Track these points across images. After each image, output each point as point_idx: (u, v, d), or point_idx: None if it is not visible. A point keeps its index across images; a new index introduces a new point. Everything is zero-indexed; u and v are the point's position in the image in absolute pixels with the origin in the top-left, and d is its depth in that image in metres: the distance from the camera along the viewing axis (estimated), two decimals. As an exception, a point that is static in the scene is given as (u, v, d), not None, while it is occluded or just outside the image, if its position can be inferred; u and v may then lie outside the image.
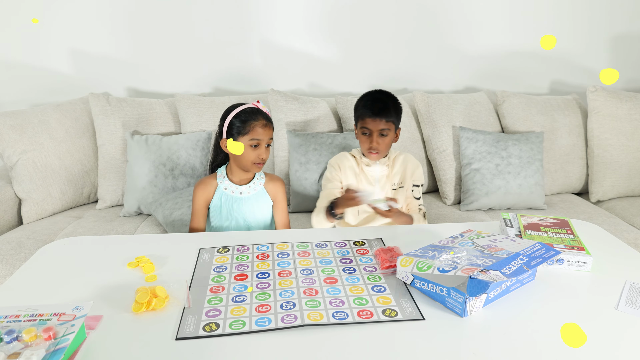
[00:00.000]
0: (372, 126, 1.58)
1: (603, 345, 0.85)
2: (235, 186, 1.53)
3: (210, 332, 0.88)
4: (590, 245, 1.18)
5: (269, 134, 1.48)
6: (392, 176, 1.68)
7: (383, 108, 1.58)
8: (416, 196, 1.68)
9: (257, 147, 1.46)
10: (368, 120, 1.58)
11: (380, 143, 1.59)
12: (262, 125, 1.45)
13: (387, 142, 1.61)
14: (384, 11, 2.54)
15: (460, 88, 2.73)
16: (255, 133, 1.44)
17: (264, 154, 1.47)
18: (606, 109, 2.35)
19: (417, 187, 1.70)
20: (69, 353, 0.78)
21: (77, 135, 2.23)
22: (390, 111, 1.59)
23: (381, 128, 1.57)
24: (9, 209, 2.08)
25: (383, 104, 1.59)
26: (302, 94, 2.55)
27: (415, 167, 1.70)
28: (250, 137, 1.44)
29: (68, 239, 1.34)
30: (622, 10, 2.64)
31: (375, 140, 1.58)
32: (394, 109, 1.61)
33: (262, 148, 1.47)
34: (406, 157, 1.71)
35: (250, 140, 1.45)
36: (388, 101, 1.61)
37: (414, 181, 1.69)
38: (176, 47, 2.50)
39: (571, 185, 2.44)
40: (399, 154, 1.71)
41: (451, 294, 0.94)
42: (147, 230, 1.98)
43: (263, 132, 1.46)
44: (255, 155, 1.46)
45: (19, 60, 2.43)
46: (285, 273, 1.11)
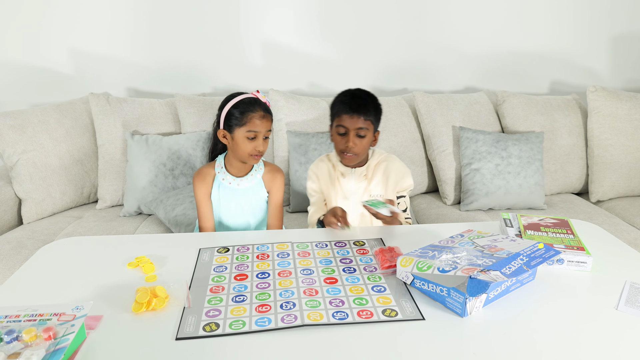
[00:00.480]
0: (348, 124, 1.45)
1: (603, 345, 0.85)
2: (232, 177, 1.50)
3: (210, 332, 0.88)
4: (590, 245, 1.18)
5: (267, 125, 1.44)
6: (371, 188, 1.54)
7: (361, 105, 1.46)
8: (401, 208, 1.54)
9: (254, 139, 1.42)
10: (345, 117, 1.45)
11: (357, 144, 1.45)
12: (259, 117, 1.41)
13: (365, 144, 1.47)
14: (384, 11, 2.54)
15: (460, 88, 2.73)
16: (253, 125, 1.41)
17: (261, 146, 1.43)
18: (606, 109, 2.35)
19: (403, 197, 1.56)
20: (69, 353, 0.78)
21: (77, 135, 2.23)
22: (369, 109, 1.47)
23: (359, 127, 1.44)
24: (9, 209, 2.08)
25: (362, 101, 1.47)
26: (302, 94, 2.55)
27: (400, 176, 1.55)
28: (248, 128, 1.41)
29: (68, 239, 1.34)
30: (622, 10, 2.64)
31: (351, 139, 1.44)
32: (373, 107, 1.48)
33: (259, 140, 1.43)
34: (390, 164, 1.56)
35: (248, 132, 1.41)
36: (367, 99, 1.49)
37: (398, 192, 1.55)
38: (176, 47, 2.50)
39: (571, 185, 2.44)
40: (383, 160, 1.56)
41: (451, 294, 0.94)
42: (147, 230, 1.98)
43: (261, 124, 1.42)
44: (252, 147, 1.42)
45: (19, 60, 2.43)
46: (285, 273, 1.11)
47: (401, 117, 2.38)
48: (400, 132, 2.36)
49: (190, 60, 2.53)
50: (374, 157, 1.57)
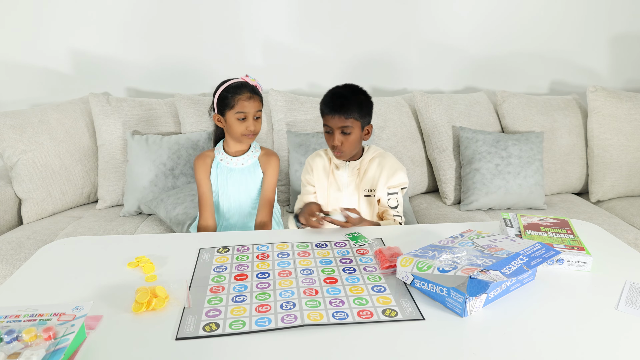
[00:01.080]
0: (331, 123, 1.46)
1: (603, 345, 0.85)
2: (229, 157, 1.60)
3: (210, 332, 0.88)
4: (590, 245, 1.18)
5: (256, 106, 1.53)
6: (363, 184, 1.55)
7: (342, 104, 1.45)
8: (392, 205, 1.53)
9: (244, 119, 1.52)
10: (327, 117, 1.47)
11: (342, 142, 1.46)
12: (246, 98, 1.51)
13: (352, 140, 1.47)
14: (385, 11, 2.54)
15: (460, 88, 2.73)
16: (241, 106, 1.51)
17: (252, 126, 1.53)
18: (606, 109, 2.35)
19: (395, 194, 1.54)
20: (69, 353, 0.78)
21: (77, 135, 2.23)
22: (351, 107, 1.45)
23: (341, 126, 1.44)
24: (9, 209, 2.08)
25: (343, 100, 1.46)
26: (302, 94, 2.55)
27: (392, 172, 1.53)
28: (237, 110, 1.51)
29: (68, 239, 1.34)
30: (622, 10, 2.64)
31: (336, 138, 1.46)
32: (356, 104, 1.46)
33: (249, 120, 1.52)
34: (383, 160, 1.55)
35: (237, 114, 1.51)
36: (350, 96, 1.47)
37: (389, 188, 1.54)
38: (176, 47, 2.50)
39: (571, 185, 2.44)
40: (377, 156, 1.56)
41: (451, 294, 0.94)
42: (148, 230, 1.98)
43: (249, 105, 1.51)
44: (244, 127, 1.52)
45: (19, 60, 2.43)
46: (285, 273, 1.11)
47: (401, 117, 2.38)
48: (400, 132, 2.36)
49: (190, 60, 2.53)
50: (369, 152, 1.57)
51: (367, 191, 1.56)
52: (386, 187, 1.54)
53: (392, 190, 1.55)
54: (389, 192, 1.54)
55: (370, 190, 1.55)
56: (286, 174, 2.27)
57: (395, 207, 1.54)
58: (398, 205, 1.55)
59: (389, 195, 1.54)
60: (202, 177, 1.61)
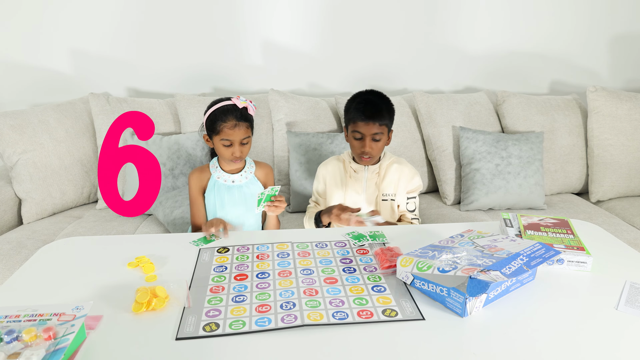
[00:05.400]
0: (364, 130, 1.49)
1: (603, 345, 0.85)
2: (227, 175, 1.55)
3: (210, 332, 0.88)
4: (590, 245, 1.18)
5: (241, 134, 1.46)
6: (384, 187, 1.59)
7: (376, 111, 1.49)
8: (410, 209, 1.60)
9: (230, 146, 1.47)
10: (360, 124, 1.49)
11: (373, 148, 1.51)
12: (231, 126, 1.44)
13: (380, 146, 1.53)
14: (385, 11, 2.54)
15: (460, 88, 2.73)
16: (225, 134, 1.45)
17: (238, 152, 1.47)
18: (606, 109, 2.35)
19: (413, 198, 1.61)
20: (69, 353, 0.78)
21: (77, 135, 2.23)
22: (384, 114, 1.50)
23: (374, 132, 1.49)
24: (9, 209, 2.08)
25: (375, 107, 1.50)
26: (302, 94, 2.55)
27: (410, 177, 1.60)
28: (221, 137, 1.46)
29: (68, 239, 1.34)
30: (622, 10, 2.64)
31: (368, 145, 1.50)
32: (387, 111, 1.52)
33: (235, 146, 1.46)
34: (401, 165, 1.62)
35: (222, 140, 1.46)
36: (381, 103, 1.52)
37: (409, 193, 1.60)
38: (176, 47, 2.50)
39: (571, 185, 2.44)
40: (393, 162, 1.62)
41: (451, 294, 0.94)
42: (147, 230, 1.98)
43: (232, 133, 1.45)
44: (229, 153, 1.47)
45: (19, 60, 2.43)
46: (285, 273, 1.11)
47: (401, 117, 2.38)
48: (400, 132, 2.36)
49: (190, 60, 2.53)
50: (386, 157, 1.62)
51: (386, 195, 1.59)
52: (406, 193, 1.60)
53: (410, 195, 1.62)
54: (408, 196, 1.61)
55: (388, 194, 1.60)
56: (286, 174, 2.27)
57: (413, 211, 1.61)
58: (415, 208, 1.62)
59: (408, 199, 1.61)
60: (196, 195, 1.56)
